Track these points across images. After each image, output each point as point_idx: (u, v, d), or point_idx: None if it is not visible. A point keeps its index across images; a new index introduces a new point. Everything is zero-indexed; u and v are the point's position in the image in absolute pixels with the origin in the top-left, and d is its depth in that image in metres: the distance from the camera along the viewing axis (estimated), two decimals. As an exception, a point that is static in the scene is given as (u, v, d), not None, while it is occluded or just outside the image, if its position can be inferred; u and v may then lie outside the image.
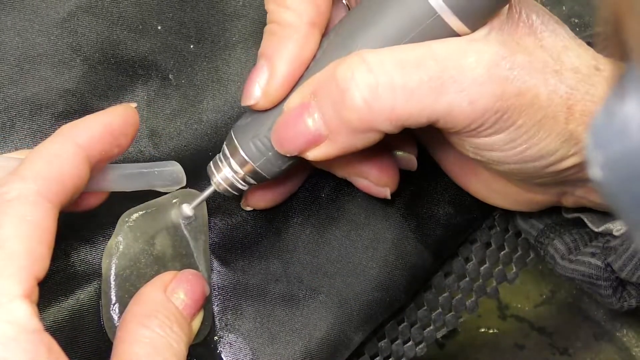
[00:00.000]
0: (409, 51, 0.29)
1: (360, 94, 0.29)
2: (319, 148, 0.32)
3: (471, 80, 0.29)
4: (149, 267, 0.37)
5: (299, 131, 0.31)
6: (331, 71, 0.30)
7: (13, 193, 0.28)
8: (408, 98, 0.29)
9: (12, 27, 0.36)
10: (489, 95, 0.29)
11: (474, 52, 0.29)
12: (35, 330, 0.26)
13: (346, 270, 0.42)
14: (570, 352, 0.49)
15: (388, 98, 0.29)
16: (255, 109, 0.34)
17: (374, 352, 0.44)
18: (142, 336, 0.30)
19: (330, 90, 0.30)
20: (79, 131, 0.31)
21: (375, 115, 0.29)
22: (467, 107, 0.29)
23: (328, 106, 0.30)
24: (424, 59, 0.29)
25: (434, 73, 0.29)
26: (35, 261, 0.27)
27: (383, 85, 0.29)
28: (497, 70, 0.29)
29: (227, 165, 0.35)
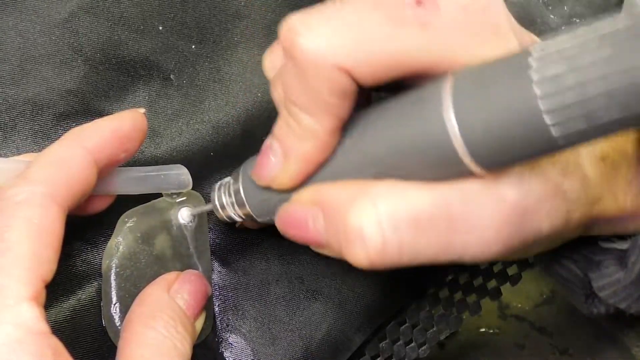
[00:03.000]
0: (423, 203, 0.28)
1: (366, 252, 0.28)
2: (319, 249, 0.32)
3: (478, 243, 0.28)
4: (150, 267, 0.37)
5: (303, 229, 0.31)
6: (344, 207, 0.29)
7: (21, 196, 0.28)
8: (414, 256, 0.29)
9: (13, 28, 0.36)
10: (494, 251, 0.29)
11: (487, 206, 0.28)
12: (42, 333, 0.26)
13: (347, 271, 0.42)
14: (570, 352, 0.49)
15: (393, 256, 0.28)
16: None
17: (375, 353, 0.44)
18: (148, 337, 0.30)
19: (338, 228, 0.29)
20: (87, 135, 0.31)
21: (376, 267, 0.29)
22: (469, 260, 0.29)
23: (333, 238, 0.30)
24: (436, 217, 0.28)
25: (443, 234, 0.28)
26: (42, 264, 0.27)
27: (391, 245, 0.28)
28: (505, 228, 0.28)
29: (230, 202, 0.36)
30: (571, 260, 0.38)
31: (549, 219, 0.29)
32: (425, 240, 0.28)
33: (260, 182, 0.33)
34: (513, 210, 0.28)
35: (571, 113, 0.23)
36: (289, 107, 0.30)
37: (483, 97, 0.25)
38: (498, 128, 0.25)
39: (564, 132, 0.23)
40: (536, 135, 0.24)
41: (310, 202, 0.31)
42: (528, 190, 0.28)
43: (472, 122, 0.25)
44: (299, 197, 0.32)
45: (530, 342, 0.50)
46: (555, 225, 0.30)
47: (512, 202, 0.28)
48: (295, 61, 0.28)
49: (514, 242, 0.29)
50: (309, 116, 0.29)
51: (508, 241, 0.28)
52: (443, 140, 0.26)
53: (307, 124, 0.29)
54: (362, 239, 0.28)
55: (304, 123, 0.29)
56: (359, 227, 0.28)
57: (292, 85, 0.29)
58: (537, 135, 0.24)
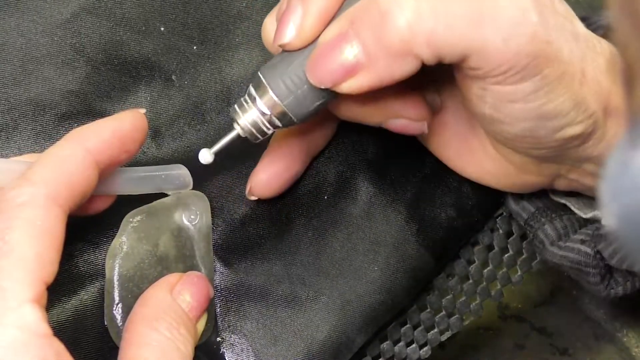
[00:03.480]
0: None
1: (404, 15, 0.29)
2: (355, 79, 0.31)
3: (507, 19, 0.29)
4: (153, 267, 0.37)
5: (336, 61, 0.30)
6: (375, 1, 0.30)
7: (23, 197, 0.28)
8: (449, 24, 0.29)
9: (15, 28, 0.36)
10: (523, 36, 0.29)
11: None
12: (44, 335, 0.26)
13: (348, 272, 0.42)
14: (570, 352, 0.49)
15: (430, 21, 0.29)
16: (288, 49, 0.32)
17: (377, 354, 0.44)
18: (150, 339, 0.30)
19: (371, 15, 0.30)
20: (88, 136, 0.31)
21: (416, 37, 0.29)
22: (502, 45, 0.29)
23: (368, 31, 0.30)
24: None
25: (474, 5, 0.29)
26: (44, 265, 0.27)
27: (426, 9, 0.29)
28: (529, 15, 0.30)
29: (254, 106, 0.34)
30: (578, 241, 0.38)
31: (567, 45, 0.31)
32: (457, 8, 0.29)
33: (285, 40, 0.32)
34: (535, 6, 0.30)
35: None
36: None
37: None
38: None
39: None
40: None
41: (338, 28, 0.31)
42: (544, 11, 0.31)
43: None
44: (324, 35, 0.31)
45: (530, 343, 0.50)
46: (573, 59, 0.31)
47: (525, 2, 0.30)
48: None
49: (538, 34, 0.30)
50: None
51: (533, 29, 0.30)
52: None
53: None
54: (398, 4, 0.29)
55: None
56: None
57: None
58: None
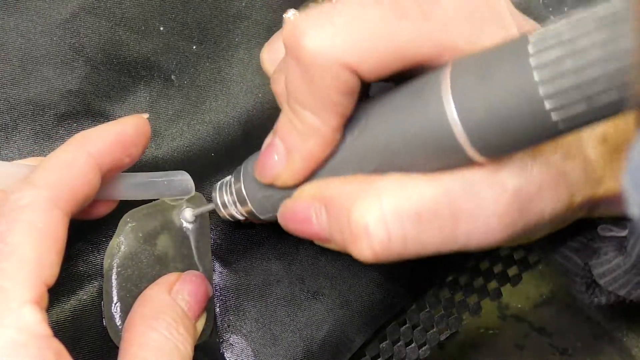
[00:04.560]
0: (426, 196, 0.28)
1: (371, 246, 0.29)
2: (322, 243, 0.32)
3: (481, 231, 0.28)
4: (151, 267, 0.37)
5: (306, 225, 0.31)
6: (348, 203, 0.29)
7: (25, 200, 0.28)
8: (419, 249, 0.29)
9: (14, 28, 0.36)
10: (498, 239, 0.29)
11: (489, 196, 0.28)
12: (44, 336, 0.26)
13: (347, 272, 0.42)
14: (570, 352, 0.49)
15: (398, 249, 0.29)
16: None
17: (376, 354, 0.44)
18: (150, 339, 0.30)
19: (342, 225, 0.29)
20: (91, 140, 0.31)
21: (381, 260, 0.29)
22: (473, 249, 0.29)
23: (337, 234, 0.30)
24: (439, 210, 0.28)
25: (446, 226, 0.28)
26: (45, 267, 0.27)
27: (396, 239, 0.28)
28: (508, 216, 0.28)
29: (231, 200, 0.36)
30: (571, 249, 0.38)
31: (552, 204, 0.29)
32: (429, 232, 0.28)
33: (263, 180, 0.33)
34: (515, 197, 0.28)
35: (570, 97, 0.23)
36: (293, 106, 0.29)
37: (482, 84, 0.25)
38: (498, 115, 0.25)
39: (563, 116, 0.24)
40: (536, 120, 0.24)
41: (313, 197, 0.31)
42: (530, 176, 0.28)
43: (472, 109, 0.25)
44: (301, 193, 0.32)
45: (530, 343, 0.50)
46: (558, 209, 0.30)
47: (514, 190, 0.28)
48: (300, 61, 0.28)
49: (517, 228, 0.29)
50: (313, 115, 0.29)
51: (511, 228, 0.29)
52: (443, 128, 0.26)
53: (311, 123, 0.29)
54: (368, 234, 0.28)
55: (309, 122, 0.29)
56: (364, 223, 0.28)
57: (296, 85, 0.29)
58: (537, 121, 0.24)
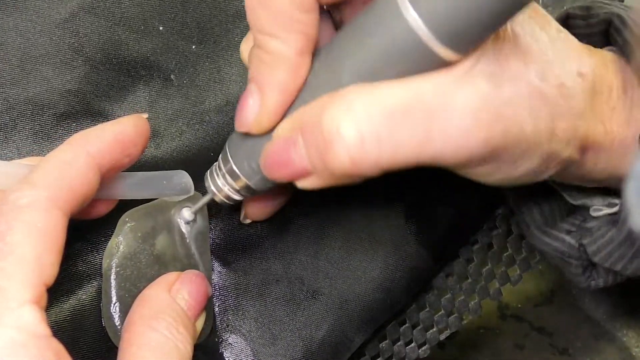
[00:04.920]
0: (397, 96, 0.28)
1: (346, 149, 0.28)
2: (306, 181, 0.31)
3: (457, 130, 0.28)
4: (150, 267, 0.37)
5: (286, 162, 0.31)
6: (318, 115, 0.29)
7: (24, 200, 0.28)
8: (394, 150, 0.28)
9: (14, 28, 0.36)
10: (476, 141, 0.28)
11: (461, 94, 0.28)
12: (43, 336, 0.26)
13: (347, 272, 0.42)
14: (570, 352, 0.49)
15: (373, 151, 0.28)
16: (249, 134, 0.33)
17: (375, 353, 0.44)
18: (149, 339, 0.30)
19: (316, 137, 0.29)
20: (90, 140, 0.31)
21: (359, 166, 0.29)
22: (451, 155, 0.29)
23: (313, 151, 0.30)
24: (411, 108, 0.28)
25: (420, 124, 0.28)
26: (44, 267, 0.27)
27: (369, 140, 0.28)
28: (483, 114, 0.28)
29: (223, 178, 0.35)
30: (565, 231, 0.38)
31: (531, 118, 0.29)
32: (403, 131, 0.28)
33: (243, 129, 0.32)
34: (488, 98, 0.28)
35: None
36: (257, 38, 0.30)
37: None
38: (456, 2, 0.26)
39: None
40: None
41: (289, 130, 0.31)
42: (502, 83, 0.28)
43: (431, 6, 0.26)
44: (277, 132, 0.32)
45: (530, 342, 0.50)
46: (539, 128, 0.30)
47: (487, 91, 0.28)
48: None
49: (494, 131, 0.28)
50: (276, 39, 0.30)
51: (488, 129, 0.28)
52: (409, 36, 0.27)
53: (274, 47, 0.30)
54: (340, 136, 0.28)
55: (271, 47, 0.30)
56: (336, 126, 0.28)
57: (256, 10, 0.29)
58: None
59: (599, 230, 0.36)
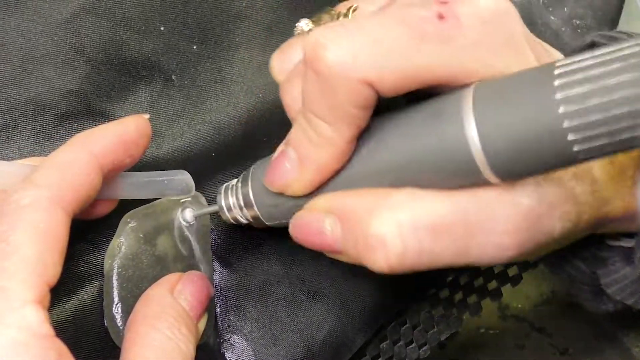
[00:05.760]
0: (441, 211, 0.28)
1: (386, 258, 0.29)
2: (334, 255, 0.32)
3: (494, 247, 0.29)
4: (151, 267, 0.37)
5: (318, 236, 0.31)
6: (365, 217, 0.29)
7: (27, 199, 0.28)
8: (431, 260, 0.29)
9: (15, 28, 0.36)
10: (509, 256, 0.29)
11: (503, 212, 0.28)
12: (46, 336, 0.26)
13: (348, 272, 0.42)
14: (570, 352, 0.49)
15: (412, 260, 0.29)
16: None
17: (376, 354, 0.44)
18: (152, 339, 0.30)
19: (358, 235, 0.30)
20: (92, 140, 0.31)
21: (394, 271, 0.30)
22: (485, 263, 0.30)
23: (351, 245, 0.30)
24: (455, 224, 0.28)
25: (460, 239, 0.29)
26: (47, 267, 0.27)
27: (411, 252, 0.29)
28: (520, 234, 0.29)
29: (235, 200, 0.36)
30: (579, 258, 0.38)
31: (561, 222, 0.30)
32: (443, 245, 0.29)
33: (273, 188, 0.33)
34: (528, 216, 0.29)
35: (594, 131, 0.24)
36: (308, 117, 0.30)
37: (505, 110, 0.25)
38: (519, 142, 0.25)
39: (584, 148, 0.24)
40: (557, 150, 0.25)
41: (327, 209, 0.31)
42: (542, 196, 0.29)
43: (493, 135, 0.26)
44: (314, 205, 0.32)
45: (530, 342, 0.50)
46: (566, 228, 0.30)
47: (527, 208, 0.28)
48: (320, 74, 0.28)
49: (527, 245, 0.29)
50: (329, 126, 0.29)
51: (522, 245, 0.29)
52: (462, 150, 0.27)
53: (326, 134, 0.29)
54: (384, 246, 0.29)
55: (324, 133, 0.29)
56: (381, 234, 0.29)
57: (314, 96, 0.29)
58: (558, 151, 0.25)
59: (614, 265, 0.36)
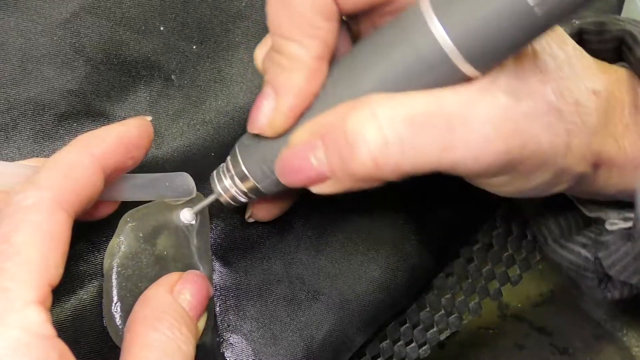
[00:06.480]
0: (419, 104, 0.29)
1: (369, 151, 0.29)
2: (322, 185, 0.32)
3: (478, 138, 0.29)
4: (151, 267, 0.37)
5: (303, 167, 0.31)
6: (340, 120, 0.29)
7: (29, 201, 0.28)
8: (416, 154, 0.29)
9: (15, 28, 0.36)
10: (494, 152, 0.29)
11: (483, 105, 0.29)
12: (48, 337, 0.26)
13: (348, 272, 0.42)
14: (570, 352, 0.49)
15: (396, 154, 0.29)
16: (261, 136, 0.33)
17: (376, 353, 0.44)
18: (152, 339, 0.30)
19: (338, 141, 0.30)
20: (94, 142, 0.31)
21: (382, 169, 0.29)
22: (472, 163, 0.29)
23: (334, 155, 0.30)
24: (434, 115, 0.29)
25: (442, 130, 0.29)
26: (49, 268, 0.27)
27: (392, 143, 0.29)
28: (503, 126, 0.29)
29: (230, 180, 0.35)
30: (580, 244, 0.38)
31: (548, 134, 0.30)
32: (425, 137, 0.29)
33: (256, 130, 0.33)
34: (508, 111, 0.29)
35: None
36: (275, 41, 0.30)
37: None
38: (483, 23, 0.26)
39: (545, 9, 0.25)
40: (521, 18, 0.26)
41: (308, 135, 0.31)
42: (521, 98, 0.29)
43: (458, 23, 0.27)
44: (294, 138, 0.32)
45: (530, 342, 0.50)
46: (555, 143, 0.30)
47: (507, 105, 0.29)
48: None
49: (513, 144, 0.29)
50: (295, 43, 0.30)
51: (507, 140, 0.29)
52: (436, 53, 0.28)
53: (293, 51, 0.30)
54: (365, 140, 0.29)
55: (292, 52, 0.30)
56: (360, 130, 0.29)
57: (277, 14, 0.30)
58: (522, 19, 0.26)
59: (614, 244, 0.36)
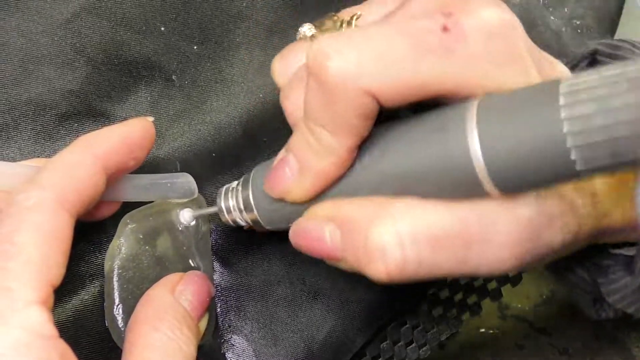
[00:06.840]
0: (440, 223, 0.29)
1: (386, 267, 0.29)
2: (334, 263, 0.32)
3: (494, 258, 0.29)
4: (151, 268, 0.37)
5: (318, 243, 0.32)
6: (365, 223, 0.29)
7: (31, 201, 0.28)
8: (431, 270, 0.29)
9: (15, 28, 0.36)
10: (508, 268, 0.29)
11: (503, 224, 0.29)
12: (50, 337, 0.26)
13: (348, 273, 0.42)
14: (570, 352, 0.49)
15: (411, 271, 0.29)
16: None
17: (376, 354, 0.44)
18: (153, 340, 0.30)
19: (358, 244, 0.30)
20: (97, 142, 0.31)
21: (393, 279, 0.30)
22: (484, 273, 0.30)
23: (351, 252, 0.30)
24: (455, 235, 0.29)
25: (461, 249, 0.29)
26: (51, 268, 0.27)
27: (411, 262, 0.29)
28: (520, 245, 0.29)
29: (235, 203, 0.36)
30: (580, 266, 0.38)
31: (561, 235, 0.30)
32: (443, 256, 0.29)
33: (273, 194, 0.33)
34: (528, 227, 0.29)
35: (597, 151, 0.24)
36: (309, 125, 0.30)
37: (508, 125, 0.26)
38: (521, 157, 0.25)
39: (587, 167, 0.24)
40: (559, 168, 0.25)
41: (327, 217, 0.31)
42: (543, 208, 0.29)
43: (496, 147, 0.26)
44: (314, 212, 0.32)
45: (530, 342, 0.50)
46: (567, 240, 0.30)
47: (527, 220, 0.29)
48: (323, 83, 0.28)
49: (527, 257, 0.29)
50: (330, 135, 0.29)
51: (521, 257, 0.29)
52: (465, 164, 0.27)
53: (327, 142, 0.29)
54: (384, 255, 0.29)
55: (325, 141, 0.29)
56: (381, 244, 0.29)
57: (316, 105, 0.29)
58: (560, 168, 0.25)
59: (615, 274, 0.36)
